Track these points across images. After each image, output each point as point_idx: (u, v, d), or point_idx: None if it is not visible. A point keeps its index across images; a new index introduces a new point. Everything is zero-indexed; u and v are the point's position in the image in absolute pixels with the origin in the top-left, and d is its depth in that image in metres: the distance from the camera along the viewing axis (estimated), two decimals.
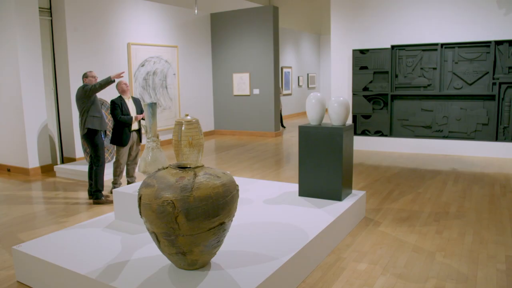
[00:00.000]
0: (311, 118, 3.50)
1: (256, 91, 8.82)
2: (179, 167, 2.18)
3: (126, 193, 2.99)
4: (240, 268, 2.20)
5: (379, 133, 6.91)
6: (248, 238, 2.61)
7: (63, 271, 2.27)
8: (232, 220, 2.15)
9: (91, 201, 4.37)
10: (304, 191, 3.51)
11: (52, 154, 6.18)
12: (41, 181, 5.45)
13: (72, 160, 6.31)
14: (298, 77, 13.22)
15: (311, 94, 3.51)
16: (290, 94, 12.59)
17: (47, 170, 5.90)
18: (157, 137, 3.05)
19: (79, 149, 6.30)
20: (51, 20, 6.26)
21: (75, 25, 6.23)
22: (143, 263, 2.30)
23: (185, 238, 1.99)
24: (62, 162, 6.43)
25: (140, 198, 2.07)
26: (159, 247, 2.11)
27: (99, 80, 4.33)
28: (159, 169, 2.24)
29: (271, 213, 3.14)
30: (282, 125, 10.15)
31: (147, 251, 2.46)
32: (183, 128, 3.20)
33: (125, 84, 4.52)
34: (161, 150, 3.07)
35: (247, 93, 8.91)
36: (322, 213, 3.10)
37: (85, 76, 4.24)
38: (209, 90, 9.36)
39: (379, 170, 5.52)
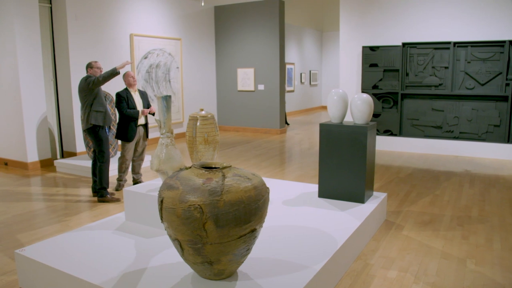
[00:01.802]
0: (333, 116, 3.31)
1: (261, 87, 8.62)
2: (203, 167, 1.99)
3: (139, 193, 2.79)
4: (270, 277, 2.02)
5: (388, 132, 6.77)
6: (273, 244, 2.43)
7: (74, 280, 2.06)
8: (262, 226, 1.97)
9: (95, 198, 4.15)
10: (324, 192, 3.34)
11: (52, 148, 5.92)
12: (40, 176, 5.20)
13: (72, 154, 6.06)
14: (301, 74, 13.03)
15: (333, 91, 3.32)
16: (292, 91, 12.40)
17: (46, 164, 5.65)
18: (172, 133, 2.85)
19: (79, 144, 6.05)
20: (51, 8, 5.97)
21: (76, 13, 5.95)
22: (163, 272, 2.11)
23: (213, 246, 1.80)
24: (62, 156, 6.17)
25: (161, 201, 1.87)
26: (182, 255, 1.92)
27: (103, 71, 4.10)
28: (181, 169, 2.04)
29: (293, 215, 2.96)
30: (286, 122, 9.96)
31: (166, 258, 2.27)
32: (198, 123, 2.99)
33: (132, 77, 4.29)
34: (175, 147, 2.86)
35: (252, 88, 8.69)
36: (347, 216, 2.93)
37: (89, 66, 3.99)
38: (213, 85, 9.12)
39: (392, 170, 5.37)
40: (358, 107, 3.21)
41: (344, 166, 3.23)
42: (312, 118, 12.05)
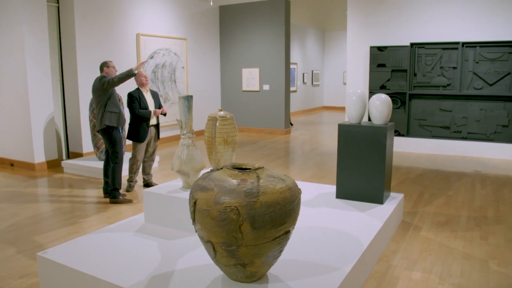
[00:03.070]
0: (351, 116, 3.30)
1: (266, 87, 8.59)
2: (235, 168, 1.96)
3: (159, 194, 2.75)
4: (300, 279, 2.00)
5: (396, 132, 6.77)
6: (298, 245, 2.41)
7: (101, 283, 2.02)
8: (294, 228, 1.94)
9: (106, 200, 4.11)
10: (342, 193, 3.32)
11: (58, 149, 5.86)
12: (47, 177, 5.15)
13: (78, 155, 6.01)
14: (303, 74, 13.03)
15: (351, 91, 3.31)
16: (295, 91, 12.39)
17: (53, 165, 5.59)
18: (193, 133, 2.82)
19: (86, 144, 5.99)
20: (58, 7, 5.91)
21: (83, 12, 5.90)
22: (191, 274, 2.08)
23: (248, 248, 1.77)
24: (68, 157, 6.12)
25: (195, 203, 1.84)
26: (214, 257, 1.89)
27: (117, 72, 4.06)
28: (211, 170, 2.01)
29: (314, 216, 2.94)
30: (290, 123, 9.94)
31: (191, 260, 2.24)
32: (217, 124, 2.96)
33: (145, 76, 4.25)
34: (196, 148, 2.83)
35: (257, 88, 8.67)
36: (367, 217, 2.92)
37: (105, 65, 3.94)
38: (217, 85, 9.09)
39: (401, 171, 5.37)
40: (377, 107, 3.20)
41: (362, 166, 3.21)
42: (314, 118, 12.05)
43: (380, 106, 3.19)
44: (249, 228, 1.73)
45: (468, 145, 6.23)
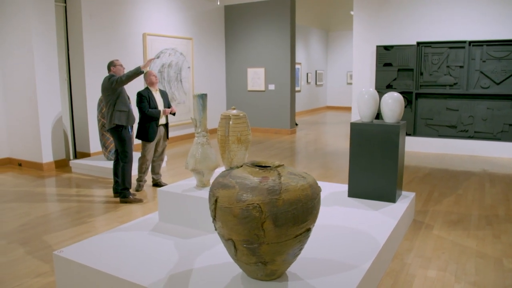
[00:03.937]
0: (363, 115, 3.30)
1: (271, 87, 8.59)
2: (255, 166, 1.96)
3: (174, 193, 2.75)
4: (320, 277, 2.00)
5: None
6: (314, 243, 2.41)
7: (120, 282, 2.03)
8: (314, 226, 1.94)
9: (116, 199, 4.11)
10: (354, 192, 3.32)
11: (65, 149, 5.87)
12: (56, 177, 5.16)
13: (86, 155, 6.02)
14: (307, 74, 13.03)
15: (363, 90, 3.31)
16: (299, 91, 12.39)
17: (60, 165, 5.61)
18: (207, 132, 2.82)
19: (93, 144, 6.00)
20: (65, 7, 5.93)
21: (90, 12, 5.91)
22: (210, 273, 2.08)
23: (270, 246, 1.77)
24: (75, 157, 6.13)
25: (216, 201, 1.84)
26: (235, 255, 1.89)
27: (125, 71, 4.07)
28: (231, 168, 2.01)
29: (327, 215, 2.94)
30: (295, 123, 9.93)
31: (209, 259, 2.24)
32: (230, 122, 2.96)
33: (154, 76, 4.26)
34: (211, 146, 2.83)
35: (262, 88, 8.67)
36: (381, 216, 2.92)
37: (112, 64, 3.95)
38: (223, 85, 9.10)
39: (409, 170, 5.36)
40: (389, 105, 3.20)
41: (375, 165, 3.21)
42: (318, 118, 12.04)
43: (392, 105, 3.19)
44: (272, 226, 1.73)
45: (475, 144, 6.23)
